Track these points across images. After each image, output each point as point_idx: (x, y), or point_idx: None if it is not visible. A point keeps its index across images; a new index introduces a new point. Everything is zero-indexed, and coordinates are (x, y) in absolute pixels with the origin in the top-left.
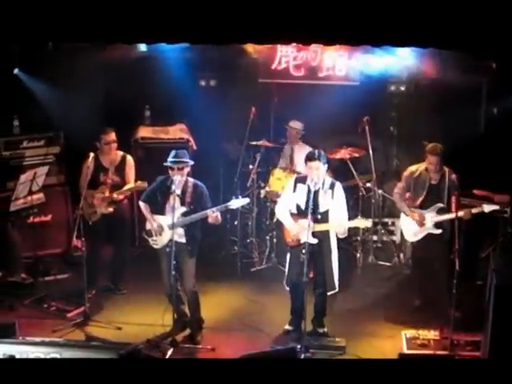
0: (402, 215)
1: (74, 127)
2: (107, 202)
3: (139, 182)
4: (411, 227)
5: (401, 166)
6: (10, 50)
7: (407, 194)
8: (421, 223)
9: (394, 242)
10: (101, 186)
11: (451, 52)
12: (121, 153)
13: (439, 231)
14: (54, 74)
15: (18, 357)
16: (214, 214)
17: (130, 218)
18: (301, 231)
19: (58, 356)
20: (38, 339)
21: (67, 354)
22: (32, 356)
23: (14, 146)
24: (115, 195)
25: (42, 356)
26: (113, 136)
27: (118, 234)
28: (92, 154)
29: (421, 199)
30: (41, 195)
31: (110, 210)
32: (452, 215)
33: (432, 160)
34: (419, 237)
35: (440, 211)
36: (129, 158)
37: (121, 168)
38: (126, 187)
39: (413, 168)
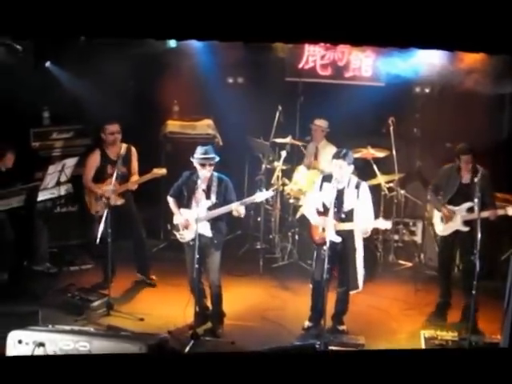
0: (435, 210)
1: (103, 120)
2: (117, 193)
3: (155, 170)
4: (442, 222)
5: (424, 167)
6: (43, 43)
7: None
8: (449, 219)
9: (415, 242)
10: (109, 179)
11: (476, 55)
12: (125, 144)
13: (467, 229)
14: (85, 67)
15: (47, 345)
16: (238, 208)
17: (135, 208)
18: (326, 229)
19: (86, 345)
20: (67, 327)
21: (96, 343)
22: (61, 344)
23: (43, 137)
24: (130, 185)
25: (72, 344)
26: (117, 127)
27: (129, 224)
28: (98, 148)
29: (450, 197)
30: (69, 186)
31: (122, 201)
32: (481, 214)
33: (464, 159)
34: (448, 232)
35: (470, 210)
36: (133, 149)
37: (127, 159)
38: (135, 178)
39: (447, 166)
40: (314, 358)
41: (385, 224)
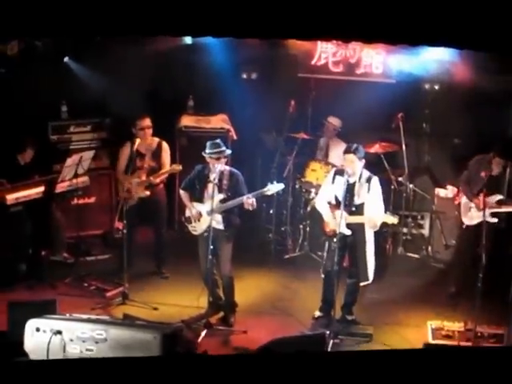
0: (464, 198)
1: (120, 114)
2: (144, 186)
3: (174, 166)
4: (470, 211)
5: (432, 161)
6: (62, 39)
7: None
8: (479, 209)
9: (422, 235)
10: (137, 171)
11: (485, 53)
12: (157, 139)
13: (495, 220)
14: (102, 62)
15: (64, 332)
16: (249, 201)
17: (164, 202)
18: (337, 222)
19: (103, 333)
20: (84, 316)
21: (112, 331)
22: (78, 332)
23: (61, 130)
24: (152, 179)
25: (88, 332)
26: (147, 122)
27: (153, 217)
28: (129, 141)
29: (479, 188)
30: (86, 178)
31: (147, 193)
32: (509, 208)
33: (497, 160)
34: (475, 222)
35: (499, 202)
36: (164, 143)
37: (157, 153)
38: (162, 171)
39: (478, 157)
40: (321, 357)
41: (392, 219)
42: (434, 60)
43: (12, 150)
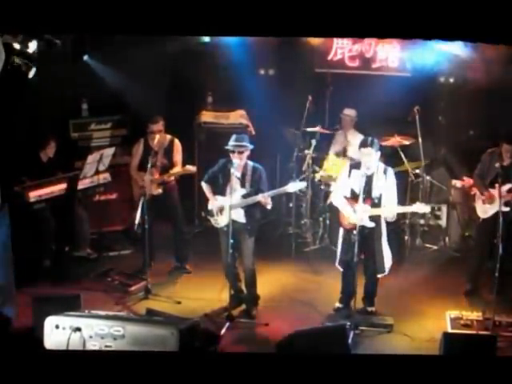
0: (478, 193)
1: (140, 111)
2: (156, 183)
3: (187, 166)
4: (484, 205)
5: (448, 153)
6: (81, 38)
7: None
8: (491, 202)
9: (440, 226)
10: (150, 169)
11: (499, 46)
12: (169, 136)
13: (507, 209)
14: (121, 60)
15: (83, 329)
16: (264, 200)
17: (177, 198)
18: (358, 215)
19: (120, 329)
20: (102, 313)
21: (129, 327)
22: (96, 329)
23: (82, 128)
24: (166, 178)
25: (106, 329)
26: (159, 126)
27: (168, 213)
28: (141, 139)
29: (490, 179)
30: (107, 175)
31: (159, 191)
32: None
33: (506, 147)
34: (489, 213)
35: (510, 191)
36: (176, 141)
37: (169, 151)
38: (174, 170)
39: (489, 151)
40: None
41: (423, 208)
42: (448, 53)
43: (34, 148)
